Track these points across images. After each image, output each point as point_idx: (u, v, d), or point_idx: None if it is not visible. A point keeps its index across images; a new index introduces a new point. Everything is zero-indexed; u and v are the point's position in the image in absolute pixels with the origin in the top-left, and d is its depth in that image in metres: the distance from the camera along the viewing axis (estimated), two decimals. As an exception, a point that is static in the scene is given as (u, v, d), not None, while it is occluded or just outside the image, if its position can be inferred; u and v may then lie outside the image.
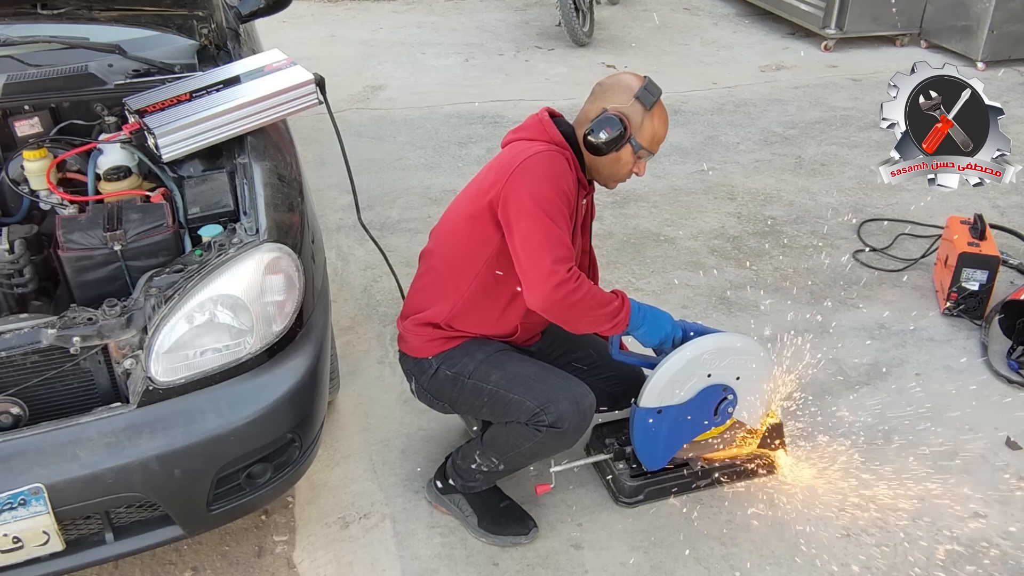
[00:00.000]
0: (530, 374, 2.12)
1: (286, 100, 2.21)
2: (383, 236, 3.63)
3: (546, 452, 2.17)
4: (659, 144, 2.12)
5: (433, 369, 2.18)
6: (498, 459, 2.17)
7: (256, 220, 1.90)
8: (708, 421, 2.29)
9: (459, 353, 2.16)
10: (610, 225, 3.83)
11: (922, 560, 2.23)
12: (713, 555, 2.24)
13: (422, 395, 2.28)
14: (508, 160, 2.04)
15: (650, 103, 2.06)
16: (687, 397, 2.21)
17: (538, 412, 2.04)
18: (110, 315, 1.74)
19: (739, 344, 2.25)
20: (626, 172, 2.14)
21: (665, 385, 2.17)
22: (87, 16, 2.38)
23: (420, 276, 2.26)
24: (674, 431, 2.25)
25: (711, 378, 2.21)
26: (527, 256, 1.95)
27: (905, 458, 2.55)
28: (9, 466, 1.66)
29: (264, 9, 2.83)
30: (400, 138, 4.71)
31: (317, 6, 7.12)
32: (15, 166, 2.10)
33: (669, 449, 2.29)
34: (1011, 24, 5.68)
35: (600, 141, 2.05)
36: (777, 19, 6.79)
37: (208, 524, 1.95)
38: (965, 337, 3.11)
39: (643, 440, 2.25)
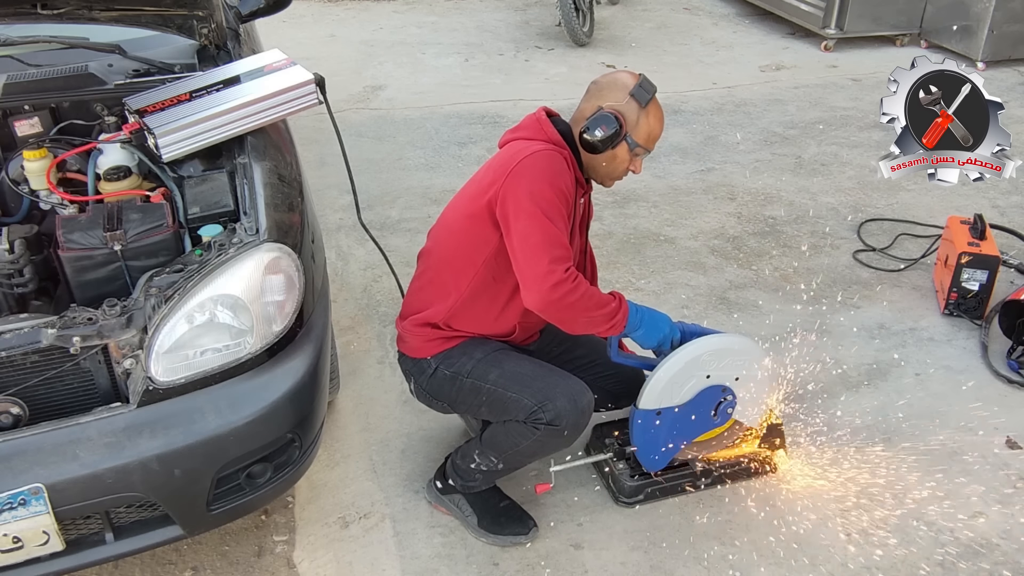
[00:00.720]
0: (528, 372, 2.12)
1: (286, 100, 2.20)
2: (383, 236, 3.63)
3: (545, 451, 2.17)
4: (655, 142, 2.12)
5: (432, 369, 2.18)
6: (497, 458, 2.17)
7: (256, 220, 1.90)
8: (708, 422, 2.29)
9: (457, 353, 2.16)
10: (610, 225, 3.83)
11: (922, 560, 2.22)
12: (713, 555, 2.24)
13: (421, 395, 2.28)
14: (506, 159, 2.04)
15: (645, 100, 2.06)
16: (686, 398, 2.21)
17: (536, 410, 2.04)
18: (110, 315, 1.74)
19: (737, 345, 2.25)
20: (623, 170, 2.14)
21: (664, 387, 2.18)
22: (87, 16, 2.38)
23: (418, 276, 2.26)
24: (674, 432, 2.25)
25: (710, 379, 2.21)
26: (525, 256, 1.95)
27: (905, 458, 2.55)
28: (9, 466, 1.66)
29: (264, 9, 2.83)
30: (400, 138, 4.72)
31: (317, 6, 7.12)
32: (15, 166, 2.10)
33: (669, 451, 2.29)
34: (1011, 24, 5.68)
35: (596, 139, 2.05)
36: (777, 19, 6.79)
37: (208, 524, 1.95)
38: (965, 337, 3.11)
39: (643, 442, 2.25)
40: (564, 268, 1.93)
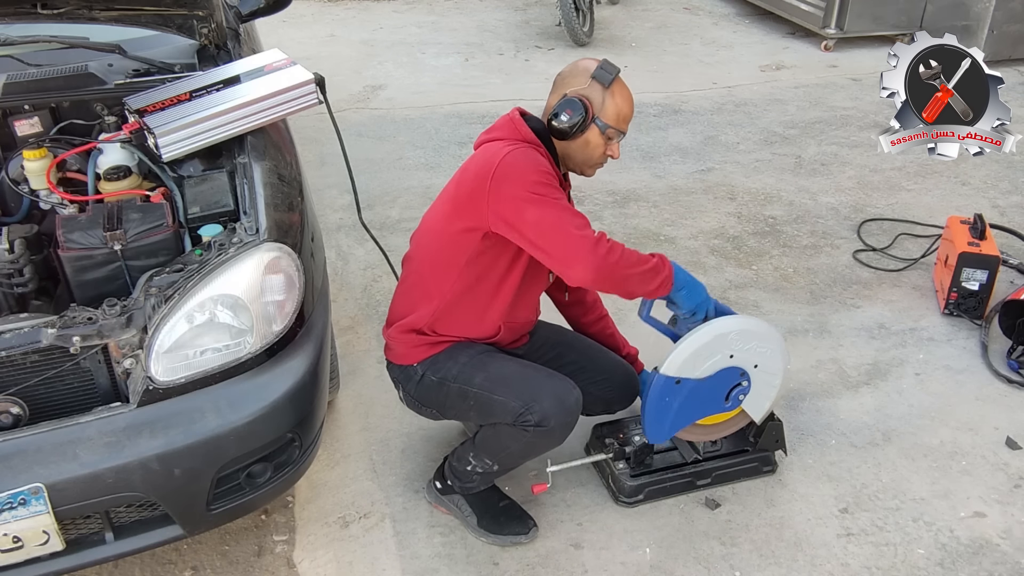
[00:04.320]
0: (513, 373, 2.10)
1: (286, 100, 2.20)
2: (383, 236, 3.63)
3: (537, 451, 2.16)
4: (626, 122, 2.09)
5: (419, 376, 2.17)
6: (491, 460, 2.17)
7: (256, 220, 1.90)
8: (719, 404, 2.27)
9: (443, 358, 2.15)
10: (610, 225, 3.83)
11: (922, 560, 2.23)
12: (713, 555, 2.24)
13: (410, 403, 2.27)
14: (482, 166, 2.00)
15: (608, 81, 2.05)
16: (706, 374, 2.19)
17: (523, 412, 2.03)
18: (110, 315, 1.74)
19: (764, 332, 2.25)
20: (599, 155, 2.11)
21: (688, 357, 2.16)
22: (87, 16, 2.38)
23: (402, 281, 2.25)
24: (686, 406, 2.22)
25: (732, 359, 2.20)
26: (550, 239, 1.92)
27: (905, 458, 2.56)
28: (9, 466, 1.66)
29: (264, 9, 2.83)
30: (400, 138, 4.72)
31: (317, 6, 7.12)
32: (15, 166, 2.10)
33: (676, 424, 2.26)
34: (1011, 24, 5.68)
35: (564, 124, 2.04)
36: (777, 19, 6.79)
37: (208, 524, 1.95)
38: (965, 337, 3.11)
39: (655, 409, 2.21)
40: (592, 231, 1.91)
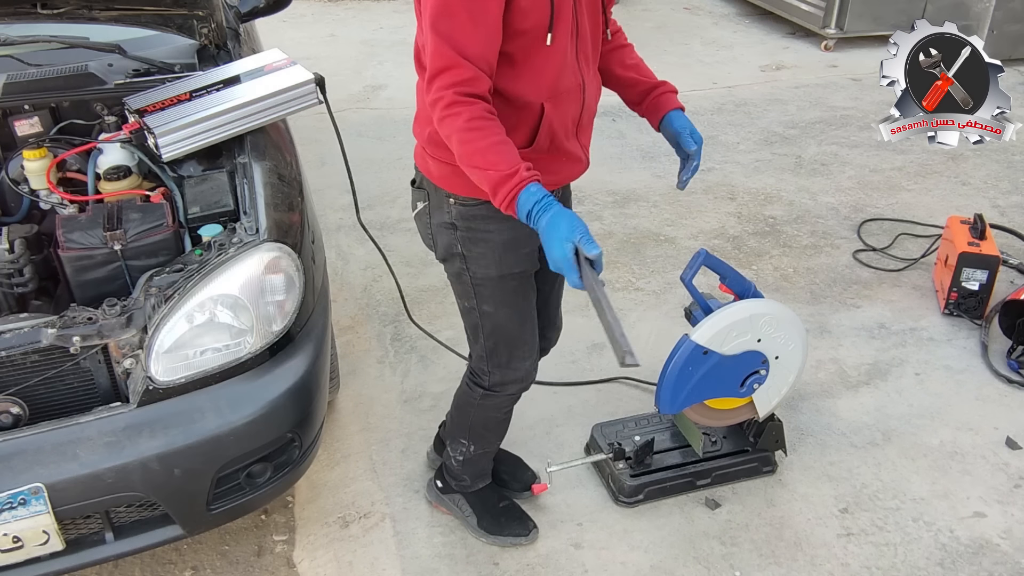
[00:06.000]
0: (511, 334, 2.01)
1: (286, 100, 2.21)
2: (383, 236, 3.63)
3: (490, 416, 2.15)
4: None
5: (449, 216, 1.88)
6: (465, 439, 2.18)
7: (256, 220, 1.91)
8: (733, 388, 2.27)
9: (481, 230, 1.85)
10: (610, 225, 3.83)
11: (922, 560, 2.23)
12: (713, 555, 2.24)
13: (424, 231, 1.98)
14: None
15: None
16: (732, 352, 2.20)
17: (482, 368, 2.05)
18: (110, 315, 1.74)
19: (793, 323, 2.26)
20: None
21: (722, 329, 2.16)
22: (87, 16, 2.39)
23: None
24: (705, 380, 2.21)
25: (759, 344, 2.21)
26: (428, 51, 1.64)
27: (905, 458, 2.56)
28: (9, 466, 1.66)
29: (264, 9, 2.83)
30: (400, 138, 4.71)
31: (317, 6, 7.12)
32: (15, 166, 2.10)
33: (691, 397, 2.24)
34: (1011, 24, 5.67)
35: None
36: (777, 19, 6.79)
37: (208, 523, 1.95)
38: (965, 337, 3.11)
39: (676, 375, 2.18)
40: (449, 84, 1.58)
